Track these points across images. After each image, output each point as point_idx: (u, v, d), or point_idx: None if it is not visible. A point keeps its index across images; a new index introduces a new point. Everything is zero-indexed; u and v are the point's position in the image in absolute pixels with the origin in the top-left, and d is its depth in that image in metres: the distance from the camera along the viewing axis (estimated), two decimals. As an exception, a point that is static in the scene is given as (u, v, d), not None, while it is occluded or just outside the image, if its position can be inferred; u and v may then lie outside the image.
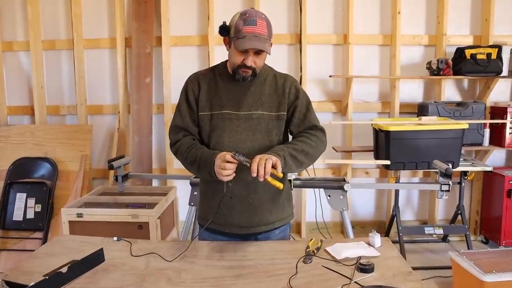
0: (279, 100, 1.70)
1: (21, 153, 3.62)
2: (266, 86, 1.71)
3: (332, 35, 3.81)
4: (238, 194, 1.68)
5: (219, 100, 1.69)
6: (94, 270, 1.48)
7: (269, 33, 1.59)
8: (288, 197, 1.84)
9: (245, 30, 1.55)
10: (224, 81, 1.71)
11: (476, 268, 2.29)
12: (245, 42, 1.54)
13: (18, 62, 4.00)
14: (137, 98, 3.70)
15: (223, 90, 1.70)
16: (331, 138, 3.90)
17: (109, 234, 2.63)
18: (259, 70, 1.66)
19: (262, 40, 1.55)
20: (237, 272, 1.44)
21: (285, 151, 1.57)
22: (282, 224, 1.78)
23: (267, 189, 1.69)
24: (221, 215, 1.70)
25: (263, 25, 1.56)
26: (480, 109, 3.52)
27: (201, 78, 1.75)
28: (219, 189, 1.67)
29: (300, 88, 1.76)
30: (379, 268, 1.42)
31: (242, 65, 1.60)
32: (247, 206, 1.69)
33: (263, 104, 1.68)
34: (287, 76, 1.78)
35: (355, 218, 4.00)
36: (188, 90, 1.74)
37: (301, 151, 1.62)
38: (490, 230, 3.74)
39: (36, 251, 1.68)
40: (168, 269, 1.49)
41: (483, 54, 3.46)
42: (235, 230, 1.72)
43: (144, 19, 3.73)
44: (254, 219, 1.70)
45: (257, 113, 1.67)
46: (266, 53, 1.62)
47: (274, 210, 1.74)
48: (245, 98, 1.68)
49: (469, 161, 3.55)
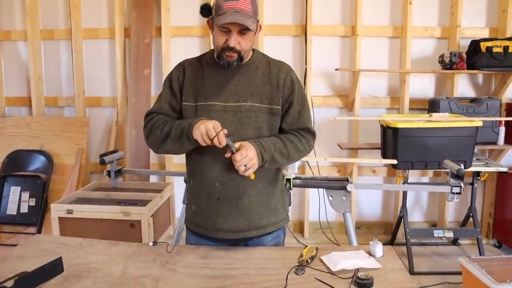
0: (272, 91, 1.54)
1: (17, 145, 3.55)
2: (257, 75, 1.55)
3: (339, 26, 3.63)
4: (226, 196, 1.53)
5: (204, 90, 1.54)
6: (65, 275, 1.36)
7: (254, 9, 1.44)
8: (282, 200, 1.68)
9: (225, 5, 1.41)
10: (211, 69, 1.56)
11: (488, 276, 2.13)
12: (224, 17, 1.40)
13: (16, 52, 3.90)
14: (135, 90, 3.58)
15: (210, 79, 1.55)
16: (336, 135, 3.80)
17: (99, 232, 2.56)
18: (245, 53, 1.50)
19: (244, 15, 1.40)
20: (220, 284, 1.30)
21: (272, 152, 1.48)
22: (275, 229, 1.63)
23: (258, 190, 1.55)
24: (208, 219, 1.57)
25: (246, 0, 1.41)
26: (495, 106, 3.34)
27: (187, 66, 1.60)
28: (206, 189, 1.54)
29: (296, 80, 1.59)
30: (378, 283, 1.27)
31: (225, 47, 1.45)
32: (236, 209, 1.54)
33: (252, 95, 1.52)
34: (282, 64, 1.61)
35: (361, 218, 3.85)
36: (173, 77, 1.60)
37: (287, 156, 1.53)
38: (503, 234, 3.55)
39: (7, 253, 1.56)
40: (146, 277, 1.35)
41: (499, 47, 3.25)
42: (223, 235, 1.57)
43: (144, 8, 3.60)
44: (244, 223, 1.55)
45: (246, 105, 1.51)
46: (253, 35, 1.47)
47: (265, 213, 1.59)
48: (233, 87, 1.53)
49: (483, 160, 3.38)
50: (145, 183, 3.31)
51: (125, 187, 3.09)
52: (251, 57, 1.57)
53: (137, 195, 2.86)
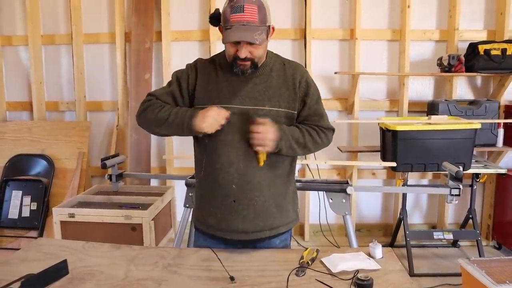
0: (288, 94, 1.55)
1: (18, 150, 3.56)
2: (273, 77, 1.55)
3: (338, 29, 3.65)
4: (242, 198, 1.54)
5: (219, 92, 1.53)
6: (69, 278, 1.37)
7: (261, 18, 1.42)
8: (293, 201, 1.70)
9: (232, 18, 1.40)
10: (225, 71, 1.56)
11: (488, 277, 2.13)
12: (230, 34, 1.40)
13: (17, 57, 3.92)
14: (136, 94, 3.60)
15: (224, 82, 1.55)
16: (336, 138, 3.76)
17: (101, 235, 2.57)
18: (259, 60, 1.50)
19: (251, 29, 1.39)
20: (221, 285, 1.32)
21: (289, 140, 1.51)
22: (286, 229, 1.66)
23: (272, 191, 1.57)
24: (222, 220, 1.57)
25: (253, 10, 1.39)
26: (494, 108, 3.35)
27: (200, 67, 1.60)
28: (221, 191, 1.55)
29: (311, 82, 1.61)
30: (378, 284, 1.28)
31: (237, 57, 1.45)
32: (252, 210, 1.55)
33: (270, 99, 1.52)
34: (297, 65, 1.62)
35: (361, 220, 3.86)
36: (183, 75, 1.60)
37: (304, 146, 1.57)
38: (503, 235, 3.56)
39: (11, 256, 1.57)
40: (148, 279, 1.37)
41: (497, 50, 3.27)
42: (238, 236, 1.57)
43: (144, 13, 3.62)
44: (259, 223, 1.56)
45: (265, 109, 1.51)
46: (265, 40, 1.47)
47: (278, 214, 1.61)
48: (249, 90, 1.52)
49: (482, 162, 3.39)
50: (146, 187, 3.32)
51: (126, 191, 3.10)
52: (265, 60, 1.57)
53: (138, 199, 2.87)
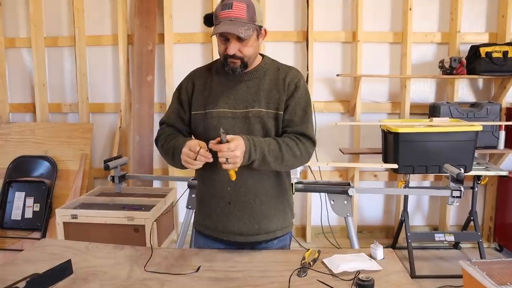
0: (278, 96, 1.53)
1: (21, 152, 3.57)
2: (265, 80, 1.56)
3: (341, 32, 3.67)
4: (237, 200, 1.55)
5: (213, 97, 1.56)
6: (72, 278, 1.38)
7: (250, 16, 1.43)
8: (290, 205, 1.70)
9: (221, 15, 1.43)
10: (220, 77, 1.58)
11: (489, 279, 2.14)
12: (218, 27, 1.43)
13: (20, 59, 3.94)
14: (138, 96, 3.62)
15: (219, 87, 1.57)
16: (338, 139, 3.82)
17: (104, 236, 2.59)
18: (249, 59, 1.51)
19: (238, 23, 1.41)
20: (224, 286, 1.33)
21: (264, 153, 1.43)
22: (283, 233, 1.66)
23: (269, 195, 1.57)
24: (218, 221, 1.59)
25: (241, 7, 1.42)
26: (495, 110, 3.35)
27: (196, 76, 1.64)
28: (217, 193, 1.56)
29: (301, 86, 1.56)
30: (379, 285, 1.29)
31: (227, 54, 1.48)
32: (247, 213, 1.56)
33: (260, 100, 1.53)
34: (290, 68, 1.61)
35: (363, 222, 3.87)
36: (182, 88, 1.64)
37: (281, 159, 1.47)
38: (504, 237, 3.56)
39: (16, 256, 1.59)
40: (151, 279, 1.38)
41: (499, 52, 3.28)
42: (234, 238, 1.59)
43: (147, 15, 3.64)
44: (254, 226, 1.57)
45: (254, 111, 1.52)
46: (256, 41, 1.49)
47: (275, 218, 1.61)
48: (241, 94, 1.54)
49: (483, 165, 3.39)
50: (148, 188, 3.33)
51: (129, 192, 3.12)
52: (259, 63, 1.58)
53: (141, 200, 2.89)
